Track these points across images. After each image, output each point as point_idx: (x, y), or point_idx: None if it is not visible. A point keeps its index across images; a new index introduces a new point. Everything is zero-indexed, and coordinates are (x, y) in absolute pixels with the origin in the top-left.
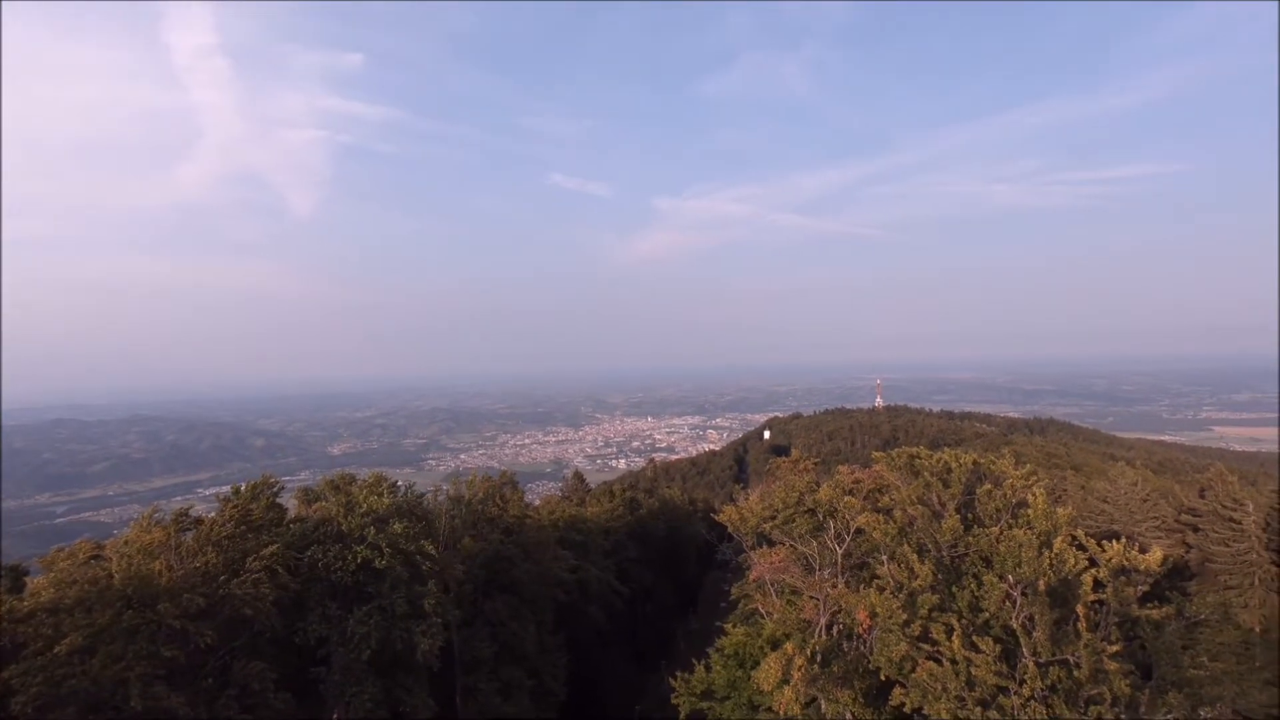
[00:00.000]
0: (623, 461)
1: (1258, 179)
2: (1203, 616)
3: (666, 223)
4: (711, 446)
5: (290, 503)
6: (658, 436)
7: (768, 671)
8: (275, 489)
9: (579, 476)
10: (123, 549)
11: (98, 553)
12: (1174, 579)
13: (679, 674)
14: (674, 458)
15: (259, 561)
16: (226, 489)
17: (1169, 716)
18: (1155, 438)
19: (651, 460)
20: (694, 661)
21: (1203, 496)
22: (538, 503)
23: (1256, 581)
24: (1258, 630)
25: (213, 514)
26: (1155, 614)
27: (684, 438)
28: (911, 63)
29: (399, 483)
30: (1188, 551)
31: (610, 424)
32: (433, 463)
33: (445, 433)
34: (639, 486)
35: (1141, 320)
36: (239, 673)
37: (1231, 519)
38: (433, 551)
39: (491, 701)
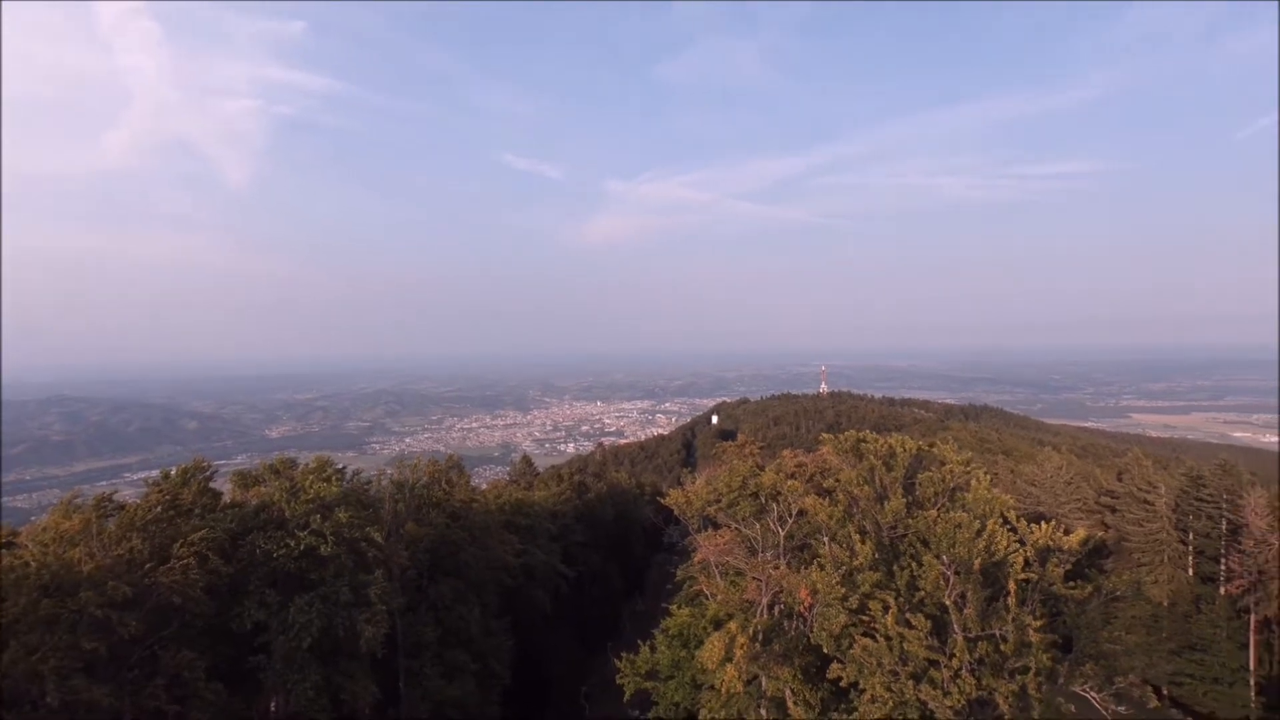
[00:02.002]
0: (572, 445)
1: (1187, 178)
2: (1118, 593)
3: (620, 207)
4: (660, 431)
5: (225, 487)
6: (607, 421)
7: (711, 651)
8: (208, 473)
9: (527, 460)
10: (39, 535)
11: (12, 539)
12: (1093, 557)
13: (624, 655)
14: (623, 442)
15: (188, 548)
16: (155, 473)
17: (1085, 686)
18: (1079, 424)
19: (600, 444)
20: (639, 642)
21: (1120, 479)
22: (484, 487)
23: (1166, 559)
24: (1165, 605)
25: (139, 499)
26: (1077, 592)
27: (633, 422)
28: (866, 54)
29: (343, 467)
30: (1106, 531)
31: (559, 408)
32: (376, 446)
33: (390, 416)
34: (587, 470)
35: (1072, 312)
36: (167, 663)
37: (1145, 500)
38: (379, 540)
39: (435, 685)
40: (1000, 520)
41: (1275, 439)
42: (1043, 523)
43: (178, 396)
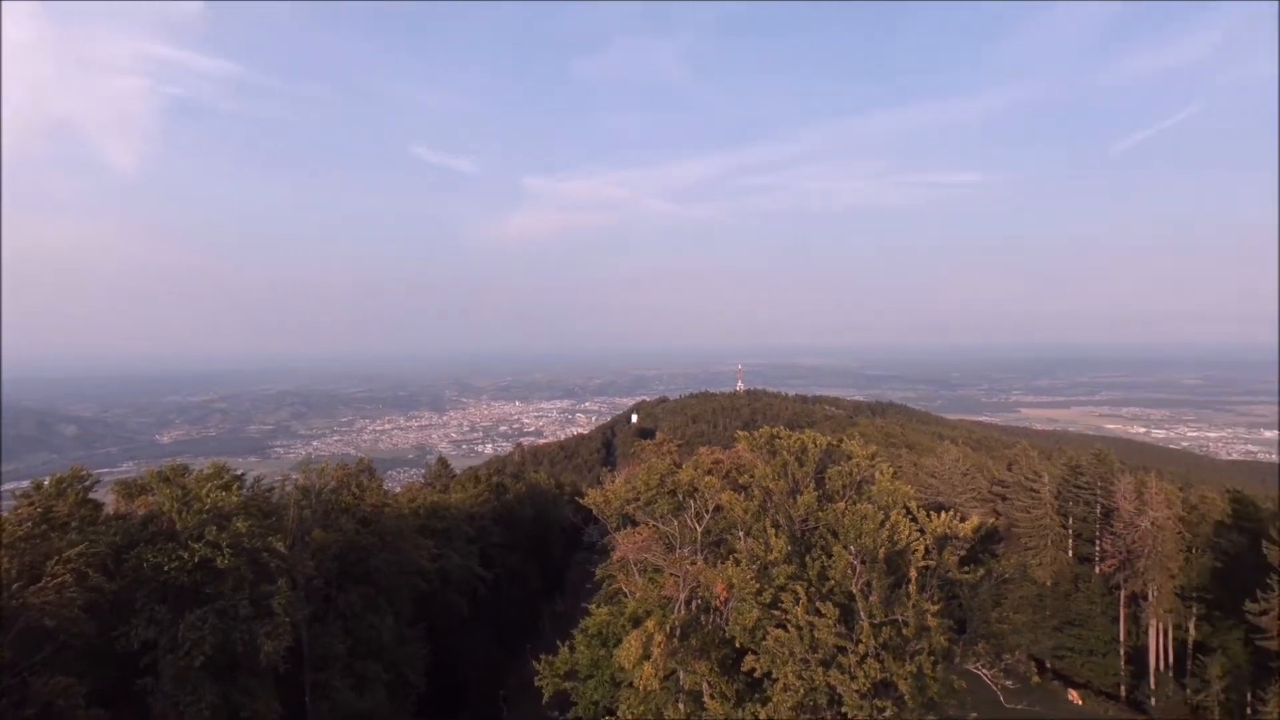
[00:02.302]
0: (490, 446)
1: (1067, 188)
2: (1007, 575)
3: (539, 204)
4: (580, 430)
5: (108, 498)
6: (526, 421)
7: (628, 649)
8: (87, 483)
9: (443, 462)
10: None
11: None
12: (986, 543)
13: (543, 656)
14: (542, 442)
15: (64, 565)
16: (26, 484)
17: (978, 664)
18: (974, 418)
19: (519, 445)
20: (559, 643)
21: (1010, 470)
22: (398, 490)
23: (1049, 543)
24: (1049, 585)
25: (7, 515)
26: (970, 576)
27: (553, 422)
28: (780, 61)
29: (242, 473)
30: (998, 518)
31: (477, 408)
32: (280, 451)
33: (295, 418)
34: (506, 471)
35: (966, 313)
36: (40, 690)
37: (1032, 489)
38: (281, 549)
39: (345, 698)
40: (903, 511)
41: (1142, 430)
42: (941, 512)
43: (55, 399)
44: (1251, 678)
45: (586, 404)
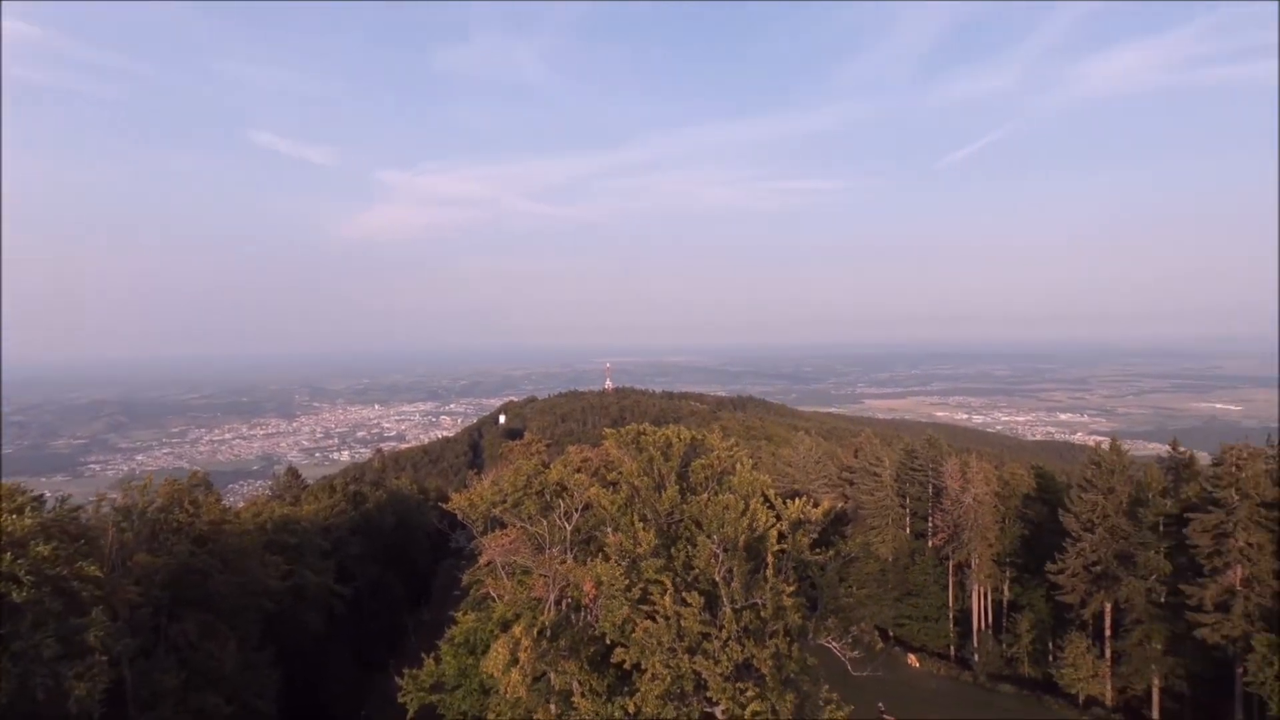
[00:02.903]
0: (346, 453)
1: (904, 198)
2: (854, 554)
3: (397, 198)
4: (445, 433)
5: None
6: (386, 425)
7: (495, 657)
8: None
9: (293, 472)
10: None
11: None
12: (836, 525)
13: (407, 670)
14: (405, 446)
15: None
16: None
17: (828, 638)
18: (825, 410)
19: (379, 450)
20: (424, 655)
21: (856, 456)
22: (241, 505)
23: (890, 522)
24: (890, 560)
25: None
26: (820, 557)
27: (415, 425)
28: (645, 66)
29: (43, 495)
30: (846, 501)
31: (331, 413)
32: (95, 467)
33: (114, 430)
34: (364, 479)
35: (820, 312)
36: None
37: (875, 473)
38: (97, 574)
39: None
40: (761, 499)
41: (965, 416)
42: (795, 498)
43: None
44: (1052, 629)
45: (451, 406)
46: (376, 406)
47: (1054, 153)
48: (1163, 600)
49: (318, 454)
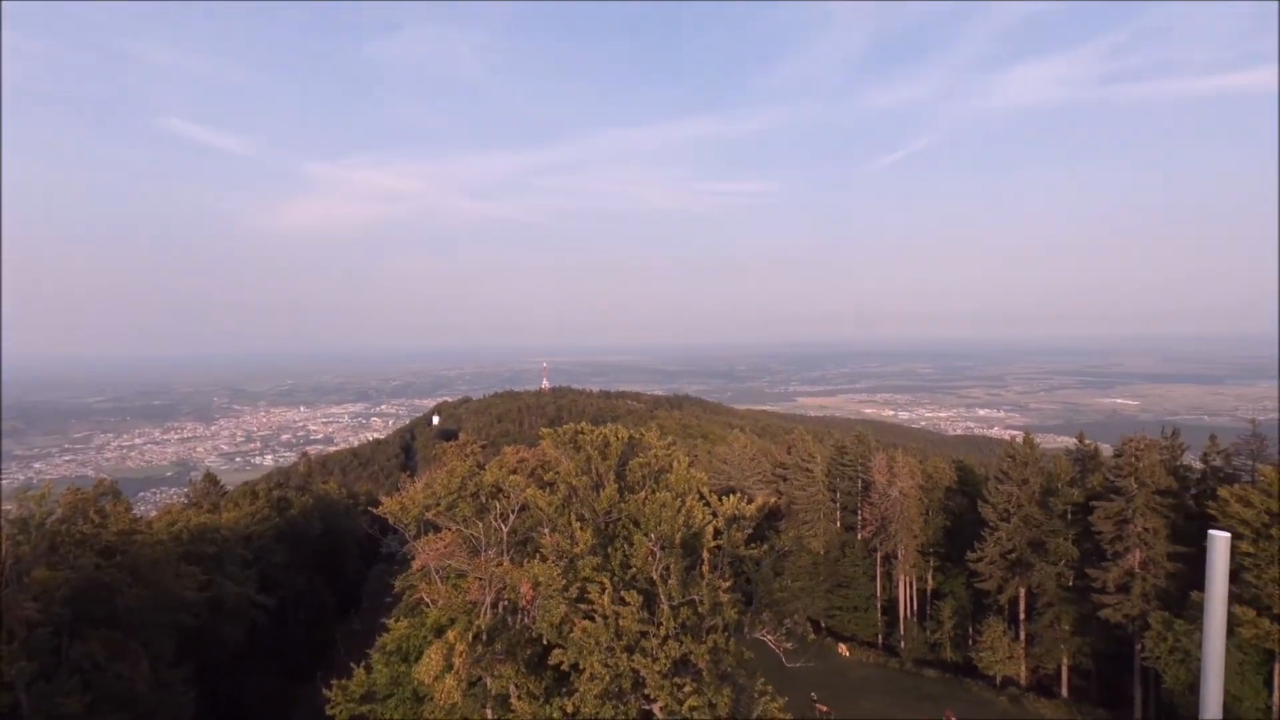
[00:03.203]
0: (270, 457)
1: (838, 199)
2: (787, 548)
3: (325, 191)
4: (376, 435)
5: None
6: (313, 427)
7: (429, 663)
8: None
9: (211, 478)
10: None
11: None
12: (770, 520)
13: (336, 681)
14: (333, 449)
15: None
16: None
17: (763, 631)
18: (760, 408)
19: (305, 453)
20: (354, 665)
21: (789, 453)
22: (154, 514)
23: (822, 516)
24: (821, 553)
25: None
26: (755, 552)
27: (344, 427)
28: (580, 63)
29: None
30: (779, 497)
31: (253, 416)
32: None
33: (9, 435)
34: (290, 484)
35: (756, 311)
36: None
37: (807, 469)
38: None
39: None
40: (697, 496)
41: (891, 413)
42: (731, 495)
43: None
44: (972, 614)
45: (383, 407)
46: (302, 408)
47: (974, 159)
48: (1071, 584)
49: (238, 459)
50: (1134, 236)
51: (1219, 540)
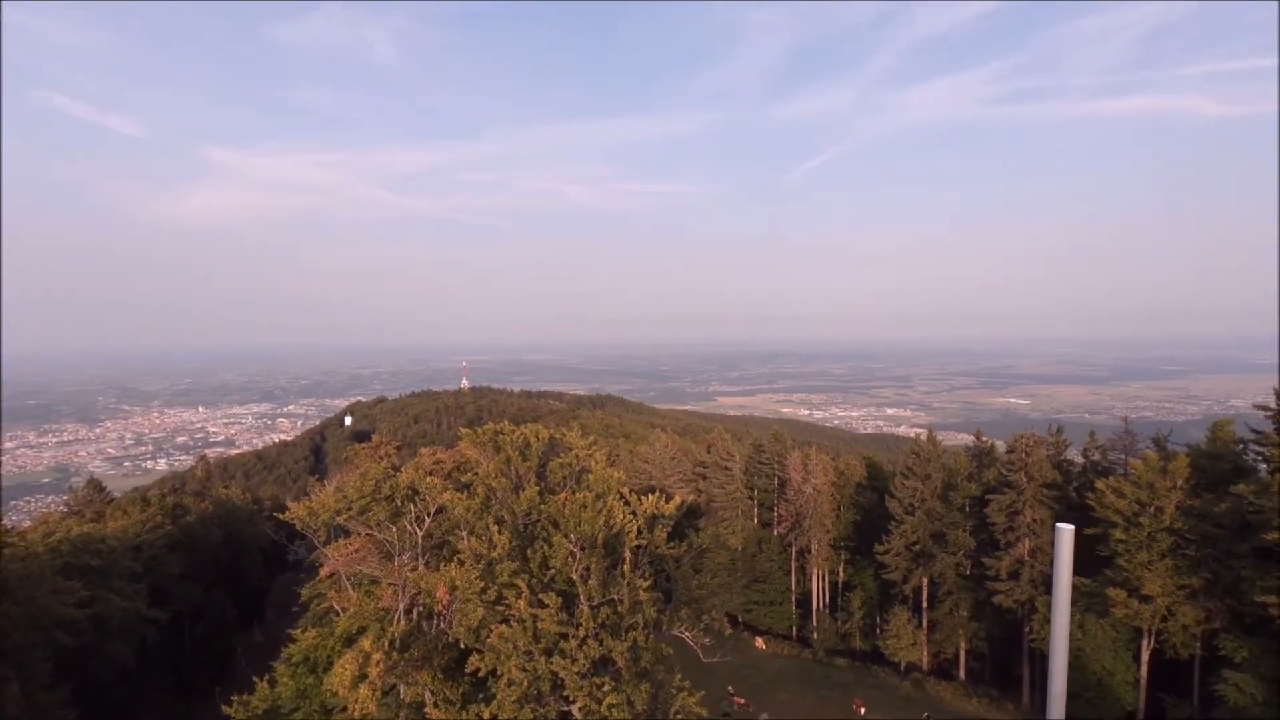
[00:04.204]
0: (163, 462)
1: (754, 203)
2: (705, 546)
3: (229, 179)
4: (283, 437)
5: None
6: (213, 429)
7: (341, 673)
8: None
9: (95, 484)
10: None
11: None
12: (690, 518)
13: (236, 696)
14: (235, 452)
15: None
16: None
17: (681, 628)
18: (681, 407)
19: (204, 457)
20: (256, 679)
21: (709, 452)
22: (28, 524)
23: (740, 513)
24: (740, 549)
25: None
26: (674, 550)
27: (248, 429)
28: (502, 63)
29: None
30: (700, 495)
31: (145, 417)
32: None
33: None
34: (186, 489)
35: (676, 309)
36: None
37: (726, 467)
38: None
39: None
40: (617, 496)
41: (806, 412)
42: (651, 494)
43: None
44: (879, 605)
45: (290, 407)
46: (200, 409)
47: (885, 170)
48: (968, 572)
49: (127, 463)
50: (1018, 244)
51: (1064, 532)
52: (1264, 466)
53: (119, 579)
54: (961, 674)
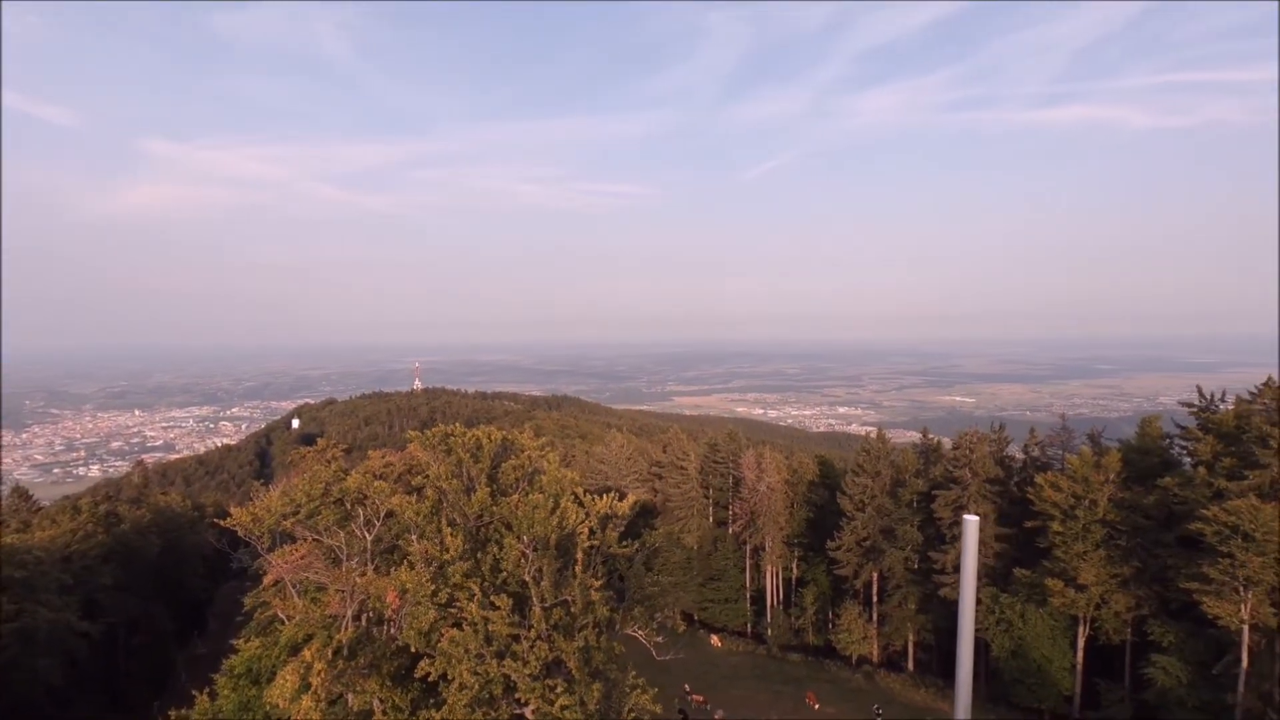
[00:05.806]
0: (96, 468)
1: (712, 203)
2: (658, 545)
3: (166, 172)
4: (226, 441)
5: None
6: (151, 433)
7: (283, 684)
8: None
9: (21, 493)
10: None
11: None
12: (645, 517)
13: (175, 711)
14: (174, 457)
15: None
16: None
17: (634, 627)
18: (637, 407)
19: (140, 462)
20: (195, 693)
21: (665, 451)
22: None
23: (696, 512)
24: (695, 548)
25: None
26: (627, 550)
27: (188, 433)
28: (454, 57)
29: None
30: (655, 495)
31: (76, 421)
32: None
33: None
34: (121, 497)
35: (631, 310)
36: None
37: (681, 467)
38: None
39: None
40: (571, 496)
41: (760, 412)
42: (605, 494)
43: None
44: (832, 600)
45: (234, 410)
46: (137, 412)
47: (840, 173)
48: (916, 567)
49: (57, 470)
50: (964, 247)
51: (970, 524)
52: (1188, 460)
53: (46, 591)
54: (910, 665)
